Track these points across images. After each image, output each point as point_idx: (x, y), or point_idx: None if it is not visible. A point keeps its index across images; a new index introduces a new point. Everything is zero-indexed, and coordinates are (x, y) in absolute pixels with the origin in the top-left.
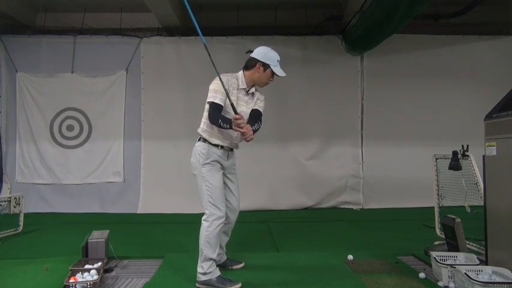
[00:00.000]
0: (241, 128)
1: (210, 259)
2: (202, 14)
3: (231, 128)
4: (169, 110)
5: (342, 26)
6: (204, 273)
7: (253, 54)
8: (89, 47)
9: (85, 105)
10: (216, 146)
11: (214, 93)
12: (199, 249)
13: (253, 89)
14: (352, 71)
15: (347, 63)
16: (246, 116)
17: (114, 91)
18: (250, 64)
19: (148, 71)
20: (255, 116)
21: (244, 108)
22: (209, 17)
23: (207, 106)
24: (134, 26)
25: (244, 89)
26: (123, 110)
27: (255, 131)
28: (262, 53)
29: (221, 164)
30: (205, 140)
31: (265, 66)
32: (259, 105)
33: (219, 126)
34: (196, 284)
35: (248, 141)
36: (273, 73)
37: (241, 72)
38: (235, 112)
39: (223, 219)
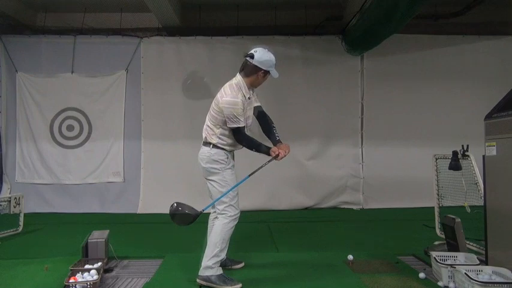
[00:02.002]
0: (283, 154)
1: (220, 255)
2: (202, 14)
3: (269, 155)
4: (169, 110)
5: (342, 26)
6: (208, 267)
7: (254, 62)
8: (89, 47)
9: (85, 105)
10: (230, 152)
11: (235, 118)
12: (211, 245)
13: (251, 92)
14: (352, 71)
15: (347, 63)
16: (251, 119)
17: (114, 91)
18: (250, 71)
19: (148, 71)
20: (267, 120)
21: (250, 112)
22: (209, 17)
23: (227, 125)
24: (134, 26)
25: (248, 97)
26: (123, 110)
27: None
28: (264, 60)
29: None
30: (221, 148)
31: (266, 72)
32: (257, 100)
33: (251, 150)
34: (197, 279)
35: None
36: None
37: (241, 79)
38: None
39: (238, 220)
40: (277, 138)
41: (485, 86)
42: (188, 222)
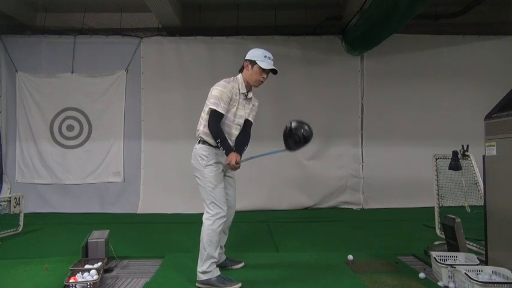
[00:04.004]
0: (233, 162)
1: (212, 257)
2: (202, 14)
3: (226, 153)
4: (169, 110)
5: (342, 26)
6: (204, 272)
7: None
8: (89, 47)
9: (85, 105)
10: (216, 147)
11: (218, 100)
12: (201, 248)
13: (251, 94)
14: (352, 71)
15: (347, 63)
16: (242, 120)
17: (114, 91)
18: (242, 66)
19: (148, 71)
20: (246, 133)
21: (242, 112)
22: (209, 17)
23: (206, 109)
24: (134, 26)
25: (244, 93)
26: (123, 110)
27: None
28: (251, 52)
29: (221, 163)
30: (205, 142)
31: (252, 63)
32: (253, 115)
33: (215, 141)
34: (197, 284)
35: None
36: (262, 69)
37: (240, 76)
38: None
39: (225, 218)
40: (243, 150)
41: (485, 86)
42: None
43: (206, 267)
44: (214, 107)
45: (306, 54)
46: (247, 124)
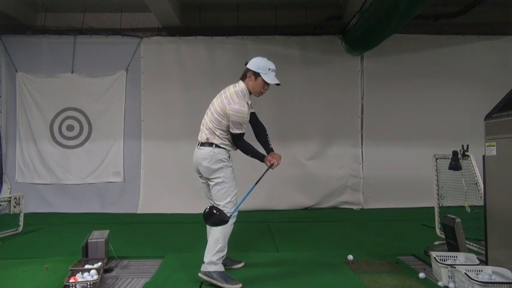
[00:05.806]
0: (277, 163)
1: (223, 250)
2: (202, 14)
3: (261, 160)
4: (169, 110)
5: (342, 26)
6: (212, 263)
7: (248, 65)
8: (89, 47)
9: (85, 105)
10: (229, 151)
11: (240, 125)
12: (214, 241)
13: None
14: (352, 71)
15: (347, 63)
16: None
17: (114, 91)
18: (244, 74)
19: (148, 71)
20: (259, 125)
21: (248, 117)
22: (209, 17)
23: (231, 130)
24: (134, 26)
25: (251, 103)
26: (123, 110)
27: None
28: (254, 62)
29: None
30: (222, 148)
31: (256, 74)
32: (252, 106)
33: (248, 155)
34: (199, 274)
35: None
36: (265, 82)
37: (244, 86)
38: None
39: (236, 217)
40: (271, 146)
41: (485, 86)
42: (221, 224)
43: (216, 259)
44: (240, 131)
45: (306, 54)
46: (254, 116)
